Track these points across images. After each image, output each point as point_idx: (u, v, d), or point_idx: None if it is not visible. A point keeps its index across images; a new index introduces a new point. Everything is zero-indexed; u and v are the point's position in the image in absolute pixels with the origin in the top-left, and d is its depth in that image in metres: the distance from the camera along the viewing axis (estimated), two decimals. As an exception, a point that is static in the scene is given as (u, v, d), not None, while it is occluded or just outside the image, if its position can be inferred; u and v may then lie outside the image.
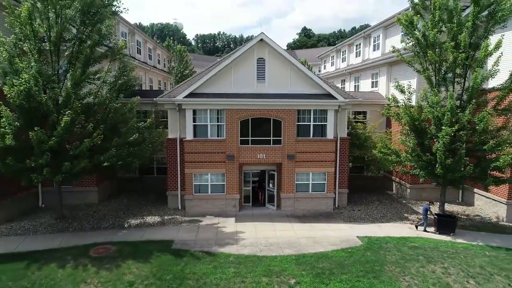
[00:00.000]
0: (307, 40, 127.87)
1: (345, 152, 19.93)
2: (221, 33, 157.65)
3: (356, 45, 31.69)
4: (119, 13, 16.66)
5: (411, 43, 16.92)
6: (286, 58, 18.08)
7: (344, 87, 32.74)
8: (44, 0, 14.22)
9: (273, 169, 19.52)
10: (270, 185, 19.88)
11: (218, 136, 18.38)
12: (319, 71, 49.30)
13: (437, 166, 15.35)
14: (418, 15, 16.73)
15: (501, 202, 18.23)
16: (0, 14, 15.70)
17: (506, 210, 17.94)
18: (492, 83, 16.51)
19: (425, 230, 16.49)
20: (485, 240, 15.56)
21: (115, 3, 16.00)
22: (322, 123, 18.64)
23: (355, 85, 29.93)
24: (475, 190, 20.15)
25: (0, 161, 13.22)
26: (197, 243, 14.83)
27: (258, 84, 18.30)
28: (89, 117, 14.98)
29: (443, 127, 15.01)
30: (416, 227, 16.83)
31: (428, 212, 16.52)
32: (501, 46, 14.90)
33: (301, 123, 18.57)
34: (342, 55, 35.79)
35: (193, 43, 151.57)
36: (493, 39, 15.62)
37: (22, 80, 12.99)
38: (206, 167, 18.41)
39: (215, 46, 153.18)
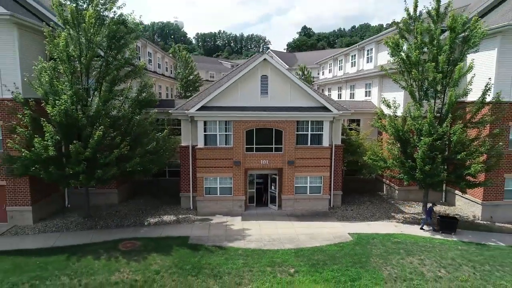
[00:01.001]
0: (307, 39, 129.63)
1: (340, 157, 22.20)
2: (222, 31, 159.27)
3: (352, 56, 33.80)
4: (140, 37, 18.85)
5: (397, 63, 19.18)
6: (286, 75, 20.32)
7: (340, 94, 34.91)
8: (76, 27, 16.44)
9: (275, 173, 21.80)
10: (272, 187, 22.16)
11: (226, 144, 20.62)
12: (318, 74, 51.49)
13: (417, 171, 17.63)
14: (403, 39, 19.01)
15: (477, 203, 20.54)
16: (38, 40, 17.90)
17: (481, 210, 20.24)
18: (470, 97, 18.69)
19: (421, 228, 18.57)
20: (459, 236, 17.85)
21: (136, 28, 18.18)
22: (319, 133, 20.88)
23: (350, 93, 32.08)
24: (456, 191, 22.36)
25: (43, 170, 15.49)
26: (210, 238, 17.10)
27: (261, 98, 20.54)
28: (115, 129, 17.19)
29: (422, 138, 17.30)
30: (423, 228, 18.69)
31: (432, 213, 18.70)
32: (473, 68, 17.18)
33: (300, 133, 20.79)
34: (339, 64, 37.83)
35: (193, 41, 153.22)
36: (470, 57, 17.80)
37: (62, 101, 15.23)
38: (215, 172, 20.68)
39: (216, 45, 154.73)
